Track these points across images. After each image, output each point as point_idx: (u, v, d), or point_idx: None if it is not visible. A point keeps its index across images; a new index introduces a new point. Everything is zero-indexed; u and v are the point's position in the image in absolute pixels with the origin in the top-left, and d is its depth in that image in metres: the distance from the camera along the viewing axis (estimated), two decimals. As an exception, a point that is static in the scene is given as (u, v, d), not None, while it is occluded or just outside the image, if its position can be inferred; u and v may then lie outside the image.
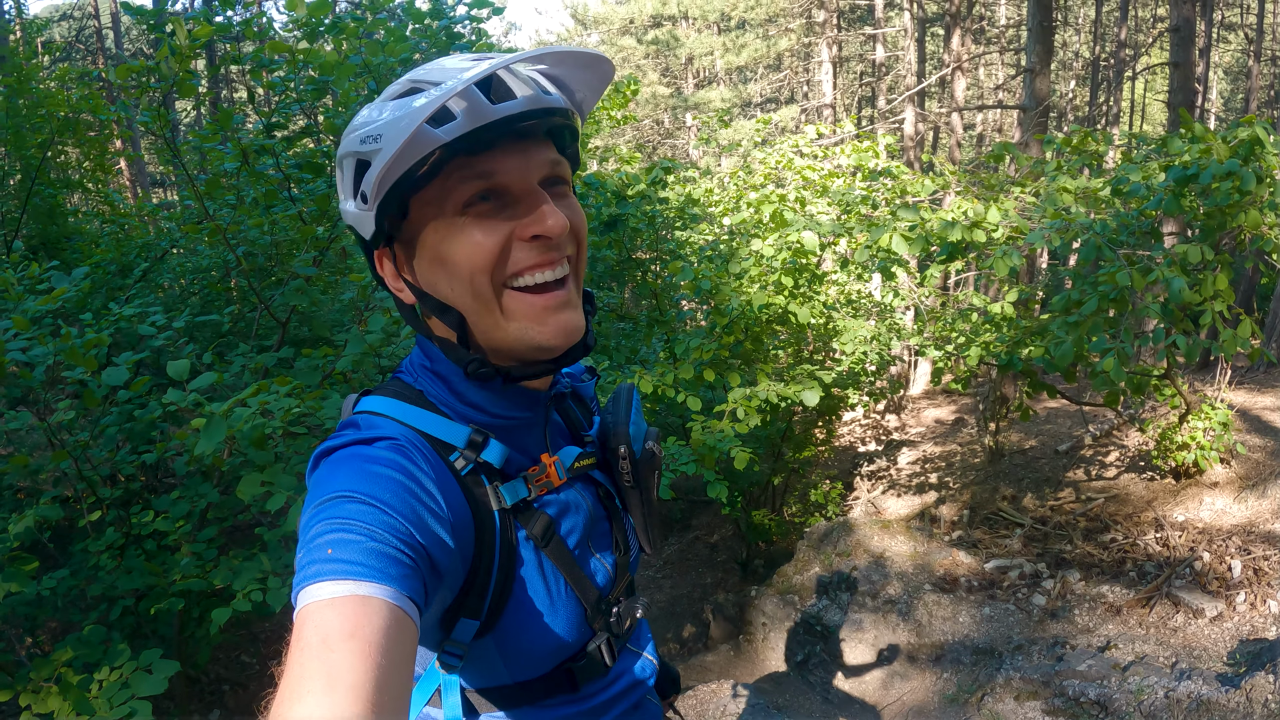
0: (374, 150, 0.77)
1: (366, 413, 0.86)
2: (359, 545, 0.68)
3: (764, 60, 19.01)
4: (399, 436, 0.81)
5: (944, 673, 4.73)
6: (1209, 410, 5.45)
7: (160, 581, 3.55)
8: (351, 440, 0.79)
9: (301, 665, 0.60)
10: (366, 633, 0.62)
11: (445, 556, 0.76)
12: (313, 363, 3.30)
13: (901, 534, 6.29)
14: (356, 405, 0.89)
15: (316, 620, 0.63)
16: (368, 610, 0.64)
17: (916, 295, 7.22)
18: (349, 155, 0.82)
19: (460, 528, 0.80)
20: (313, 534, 0.70)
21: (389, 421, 0.84)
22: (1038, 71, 7.86)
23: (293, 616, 0.66)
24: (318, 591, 0.65)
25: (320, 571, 0.66)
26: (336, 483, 0.74)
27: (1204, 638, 4.06)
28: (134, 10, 3.17)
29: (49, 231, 6.31)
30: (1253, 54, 16.27)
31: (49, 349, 3.09)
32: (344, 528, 0.69)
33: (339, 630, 0.62)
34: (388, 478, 0.75)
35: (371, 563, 0.67)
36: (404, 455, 0.78)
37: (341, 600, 0.64)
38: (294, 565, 0.69)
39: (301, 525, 0.73)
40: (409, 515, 0.73)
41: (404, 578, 0.68)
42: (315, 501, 0.73)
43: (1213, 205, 3.86)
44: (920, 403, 12.74)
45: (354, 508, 0.71)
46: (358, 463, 0.76)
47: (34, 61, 6.17)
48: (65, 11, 22.05)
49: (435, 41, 3.37)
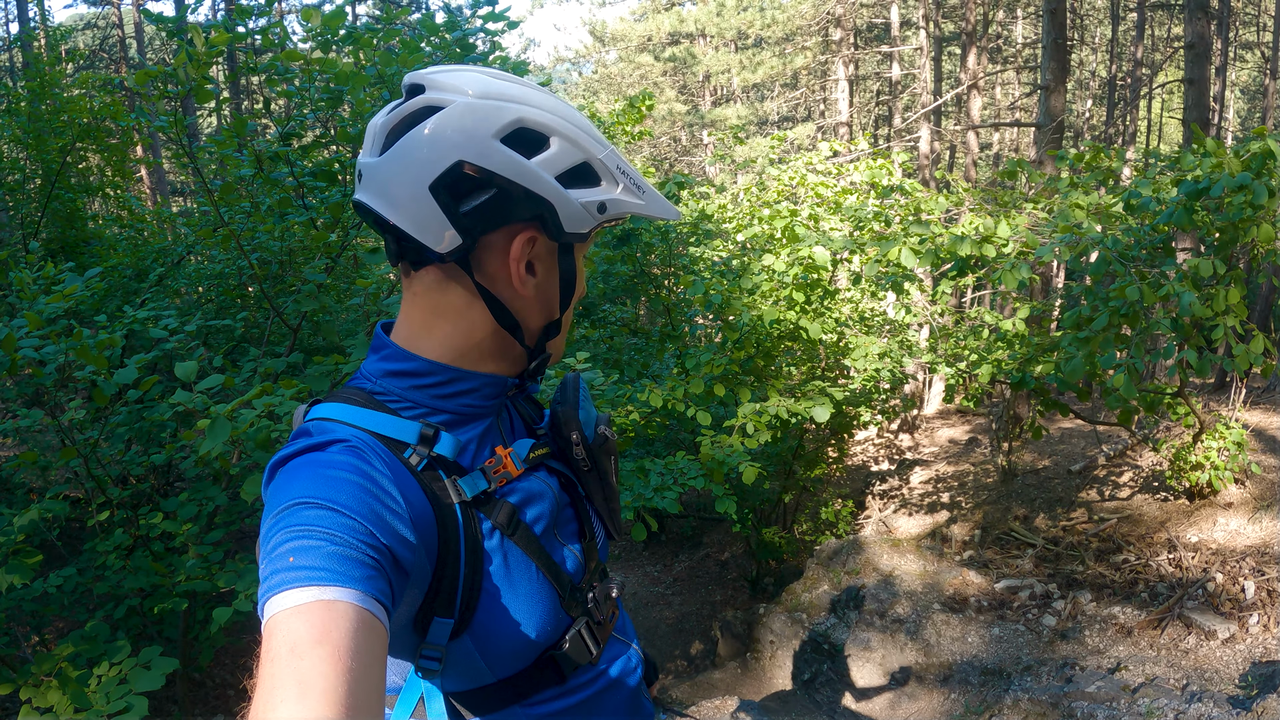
0: (629, 188, 0.91)
1: (317, 419, 0.86)
2: (320, 550, 0.67)
3: (780, 78, 19.09)
4: (350, 438, 0.81)
5: (952, 693, 4.66)
6: (1223, 430, 5.38)
7: (165, 582, 3.57)
8: (305, 447, 0.79)
9: (272, 675, 0.60)
10: (335, 637, 0.62)
11: (409, 553, 0.76)
12: (324, 369, 3.32)
13: (911, 553, 6.23)
14: (307, 414, 0.89)
15: (284, 629, 0.63)
16: (334, 615, 0.64)
17: (930, 312, 7.19)
18: (573, 146, 0.88)
19: (421, 523, 0.80)
20: (274, 543, 0.69)
21: (340, 425, 0.84)
22: (1052, 89, 7.84)
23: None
24: (283, 600, 0.64)
25: (284, 580, 0.65)
26: (293, 490, 0.74)
27: (1216, 660, 3.98)
28: (155, 18, 3.23)
29: (68, 235, 6.42)
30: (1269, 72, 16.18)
31: (61, 348, 3.13)
32: (304, 534, 0.69)
33: (307, 637, 0.62)
34: (343, 480, 0.74)
35: (334, 567, 0.67)
36: (358, 456, 0.78)
37: (307, 607, 0.64)
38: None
39: (262, 536, 0.72)
40: (368, 516, 0.72)
41: (368, 579, 0.68)
42: (273, 511, 0.73)
43: (1225, 220, 3.83)
44: (934, 422, 12.64)
45: (312, 513, 0.71)
46: (312, 468, 0.76)
47: (58, 68, 6.30)
48: (90, 20, 22.51)
49: (450, 53, 3.41)
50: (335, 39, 3.16)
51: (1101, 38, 20.43)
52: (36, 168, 6.18)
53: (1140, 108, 20.42)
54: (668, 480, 4.67)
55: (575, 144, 0.86)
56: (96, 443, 3.95)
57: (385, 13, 3.57)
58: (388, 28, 3.40)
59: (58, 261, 5.75)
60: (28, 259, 4.46)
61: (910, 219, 5.01)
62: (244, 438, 2.67)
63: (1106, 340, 3.78)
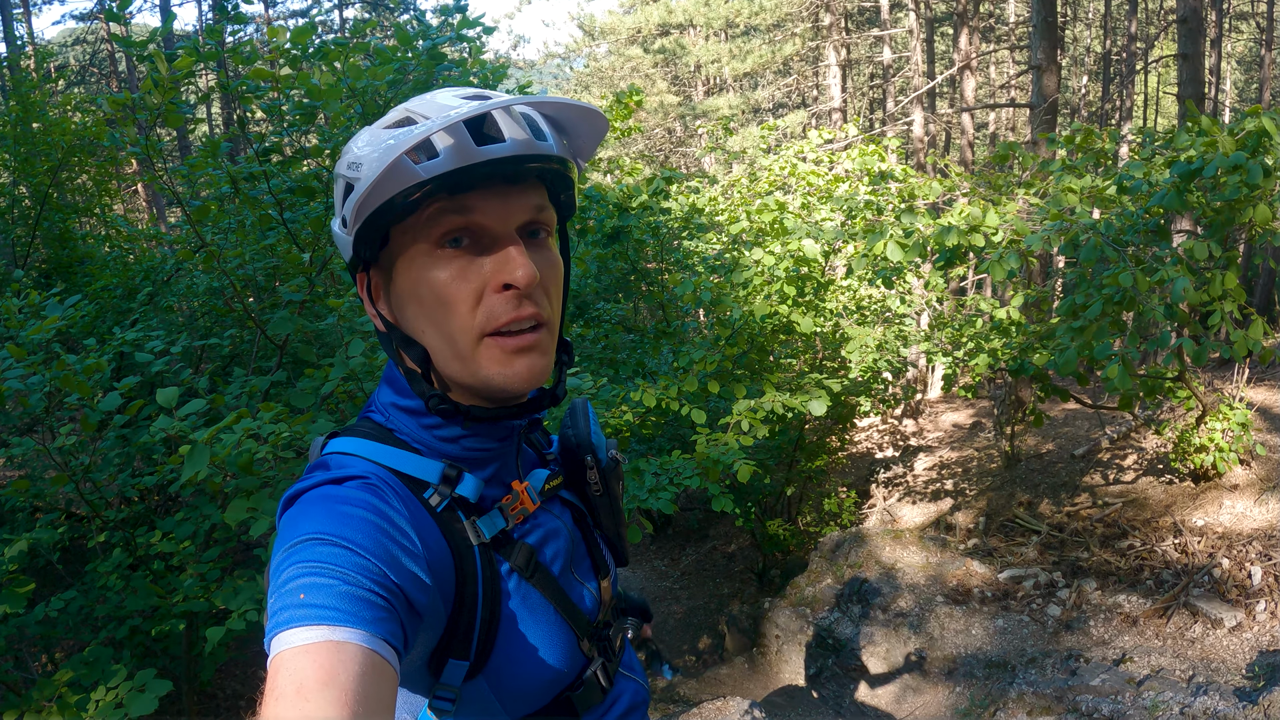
0: (355, 177, 0.78)
1: (336, 453, 0.85)
2: (332, 589, 0.66)
3: (771, 66, 18.95)
4: (369, 475, 0.79)
5: (956, 686, 4.63)
6: (1227, 410, 5.32)
7: (164, 602, 3.58)
8: (320, 481, 0.77)
9: (277, 715, 0.59)
10: (342, 680, 0.61)
11: (423, 595, 0.74)
12: (314, 384, 3.30)
13: (914, 544, 6.20)
14: (325, 447, 0.88)
15: (290, 668, 0.61)
16: (343, 656, 0.62)
17: (926, 300, 7.13)
18: (339, 177, 0.82)
19: (438, 565, 0.78)
20: (284, 578, 0.68)
21: (359, 460, 0.82)
22: (1044, 69, 7.75)
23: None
24: (291, 638, 0.63)
25: (293, 617, 0.64)
26: (306, 525, 0.72)
27: (1222, 649, 3.94)
28: (125, 42, 3.20)
29: (60, 256, 6.40)
30: (1265, 43, 15.99)
31: (45, 377, 3.12)
32: (316, 571, 0.67)
33: (314, 678, 0.60)
34: (359, 518, 0.73)
35: (345, 606, 0.65)
36: (375, 494, 0.76)
37: (315, 646, 0.62)
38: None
39: (272, 570, 0.71)
40: (382, 555, 0.71)
41: (379, 620, 0.67)
42: (285, 545, 0.71)
43: (1220, 200, 3.76)
44: (938, 406, 12.59)
45: (325, 550, 0.69)
46: (328, 504, 0.74)
47: (45, 88, 6.27)
48: (79, 36, 22.47)
49: (420, 62, 3.37)
50: (305, 55, 3.12)
51: (1095, 13, 20.22)
52: (25, 190, 6.16)
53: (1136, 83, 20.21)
54: (663, 480, 4.64)
55: (339, 174, 0.83)
56: (89, 467, 3.94)
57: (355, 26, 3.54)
58: (357, 41, 3.36)
59: (52, 283, 5.74)
60: (13, 287, 4.45)
61: (902, 206, 4.96)
62: (226, 462, 2.66)
63: (1101, 329, 3.73)
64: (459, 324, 0.80)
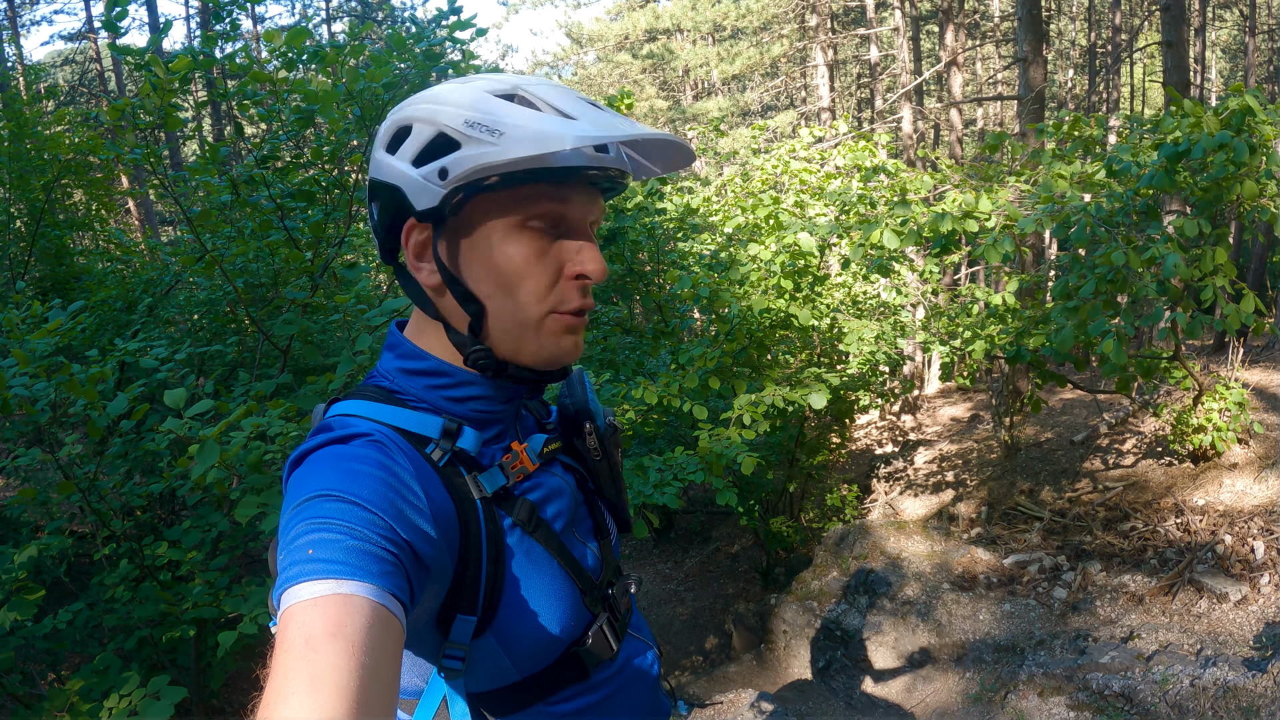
0: (481, 139, 0.80)
1: (339, 415, 0.86)
2: (339, 544, 0.67)
3: (759, 68, 19.06)
4: (373, 433, 0.81)
5: (966, 672, 4.65)
6: (1223, 390, 5.36)
7: (173, 610, 3.57)
8: (326, 440, 0.79)
9: (285, 667, 0.60)
10: (349, 631, 0.62)
11: (430, 549, 0.75)
12: (317, 389, 3.31)
13: (918, 534, 6.22)
14: (327, 411, 0.90)
15: (299, 621, 0.63)
16: (350, 609, 0.64)
17: (921, 291, 7.17)
18: (429, 124, 0.83)
19: (443, 519, 0.80)
20: (292, 535, 0.69)
21: (362, 420, 0.84)
22: (1031, 61, 7.82)
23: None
24: (299, 592, 0.64)
25: (301, 572, 0.66)
26: (313, 482, 0.74)
27: (1229, 622, 3.97)
28: (121, 51, 3.22)
29: (57, 272, 6.41)
30: (1248, 30, 16.13)
31: (50, 385, 3.13)
32: (323, 527, 0.69)
33: (322, 630, 0.62)
34: (365, 473, 0.74)
35: (352, 560, 0.67)
36: (380, 450, 0.78)
37: (324, 600, 0.64)
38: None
39: (281, 527, 0.72)
40: (389, 510, 0.72)
41: (386, 574, 0.68)
42: (293, 503, 0.73)
43: (1209, 179, 3.81)
44: (935, 401, 12.64)
45: (332, 506, 0.71)
46: (334, 461, 0.76)
47: (36, 107, 6.29)
48: (68, 56, 22.49)
49: (416, 63, 3.40)
50: (300, 59, 3.15)
51: (1079, 6, 20.39)
52: (21, 207, 6.18)
53: (1122, 73, 20.36)
54: (667, 476, 4.66)
55: (430, 121, 0.83)
56: (95, 476, 3.95)
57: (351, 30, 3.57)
58: (353, 44, 3.39)
59: (48, 298, 5.75)
60: (15, 299, 4.46)
61: (895, 200, 4.99)
62: (235, 460, 2.67)
63: (1095, 308, 3.77)
64: (533, 298, 0.86)
